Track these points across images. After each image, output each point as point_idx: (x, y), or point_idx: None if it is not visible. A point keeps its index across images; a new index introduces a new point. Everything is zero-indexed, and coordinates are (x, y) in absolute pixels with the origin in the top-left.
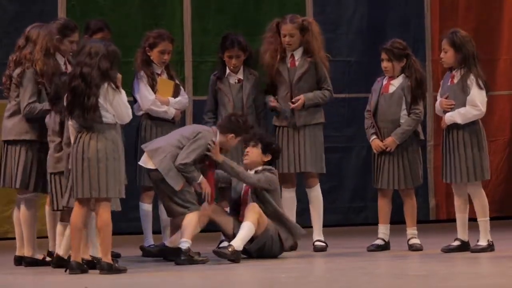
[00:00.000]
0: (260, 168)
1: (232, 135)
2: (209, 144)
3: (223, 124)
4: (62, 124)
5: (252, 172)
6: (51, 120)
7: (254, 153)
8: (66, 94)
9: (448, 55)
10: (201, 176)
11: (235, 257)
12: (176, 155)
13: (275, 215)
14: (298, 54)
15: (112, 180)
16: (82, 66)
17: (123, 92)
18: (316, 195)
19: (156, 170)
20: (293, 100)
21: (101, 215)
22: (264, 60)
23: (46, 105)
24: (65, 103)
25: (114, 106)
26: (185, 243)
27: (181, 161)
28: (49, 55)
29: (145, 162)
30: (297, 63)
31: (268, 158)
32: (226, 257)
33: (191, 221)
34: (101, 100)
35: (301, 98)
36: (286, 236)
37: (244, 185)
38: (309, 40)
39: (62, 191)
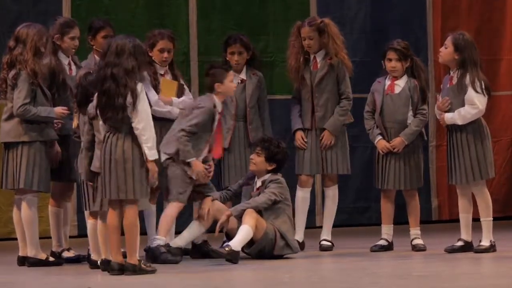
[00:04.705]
0: (266, 177)
1: (217, 83)
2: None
3: (205, 84)
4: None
5: (259, 181)
6: (81, 122)
7: (258, 161)
8: (96, 95)
9: (446, 51)
10: (194, 158)
11: (232, 257)
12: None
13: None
14: (320, 56)
15: (138, 181)
16: (112, 67)
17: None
18: (333, 194)
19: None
20: (321, 144)
21: (127, 216)
22: (289, 65)
23: (40, 111)
24: (95, 104)
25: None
26: (156, 241)
27: (184, 126)
28: (39, 54)
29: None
30: (318, 65)
31: (272, 166)
32: (222, 257)
33: (166, 216)
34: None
35: (326, 137)
36: (283, 245)
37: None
38: (326, 42)
39: (94, 193)
